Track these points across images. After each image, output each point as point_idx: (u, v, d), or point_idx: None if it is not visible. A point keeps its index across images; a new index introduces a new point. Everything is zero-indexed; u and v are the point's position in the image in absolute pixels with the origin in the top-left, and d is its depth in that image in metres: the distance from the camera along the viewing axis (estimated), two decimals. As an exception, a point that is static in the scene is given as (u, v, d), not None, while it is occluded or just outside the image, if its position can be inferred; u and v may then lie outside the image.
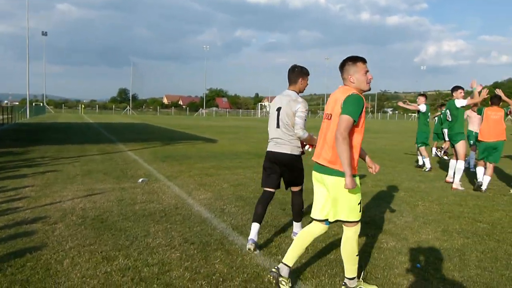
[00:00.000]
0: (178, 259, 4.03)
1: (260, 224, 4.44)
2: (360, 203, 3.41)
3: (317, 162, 3.53)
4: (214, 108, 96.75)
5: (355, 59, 3.44)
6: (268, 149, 4.64)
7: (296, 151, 4.49)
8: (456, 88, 8.39)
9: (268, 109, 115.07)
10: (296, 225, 4.78)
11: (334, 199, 3.36)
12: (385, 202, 6.71)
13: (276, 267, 3.51)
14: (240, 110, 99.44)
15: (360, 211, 3.42)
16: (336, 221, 3.42)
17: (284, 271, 3.49)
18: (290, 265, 3.53)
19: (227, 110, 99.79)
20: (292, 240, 4.27)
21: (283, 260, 3.53)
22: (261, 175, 4.72)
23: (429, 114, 10.96)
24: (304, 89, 4.63)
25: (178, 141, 17.06)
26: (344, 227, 3.47)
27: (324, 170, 3.42)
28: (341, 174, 3.24)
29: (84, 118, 45.45)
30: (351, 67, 3.41)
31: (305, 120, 4.44)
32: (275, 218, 5.55)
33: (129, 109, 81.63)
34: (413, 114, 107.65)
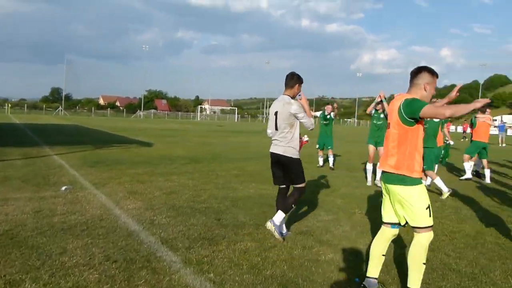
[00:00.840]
0: (96, 281, 3.57)
1: (284, 211, 4.95)
2: (428, 207, 3.42)
3: (383, 171, 3.59)
4: (153, 110, 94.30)
5: (434, 72, 3.46)
6: (270, 150, 5.12)
7: (292, 153, 4.95)
8: None
9: (208, 112, 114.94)
10: (278, 214, 4.91)
11: (402, 205, 3.43)
12: (322, 210, 6.58)
13: (362, 285, 3.59)
14: (180, 112, 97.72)
15: (430, 216, 3.43)
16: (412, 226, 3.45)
17: (372, 285, 3.58)
18: (376, 277, 3.62)
19: (166, 112, 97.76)
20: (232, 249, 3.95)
21: (368, 275, 3.63)
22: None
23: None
24: (296, 95, 5.08)
25: (111, 145, 16.19)
26: (416, 234, 3.46)
27: (388, 178, 3.49)
28: (406, 181, 3.37)
29: (11, 118, 42.42)
30: (429, 77, 3.43)
31: (304, 115, 4.92)
32: (209, 230, 5.21)
33: (61, 110, 77.51)
34: (349, 120, 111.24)
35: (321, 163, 12.39)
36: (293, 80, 5.04)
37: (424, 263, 3.43)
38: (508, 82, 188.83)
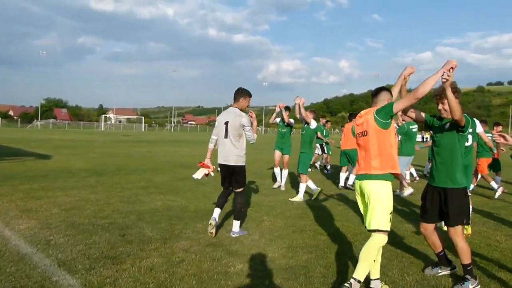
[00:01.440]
0: (-21, 316, 3.16)
1: (221, 209, 5.81)
2: (391, 213, 3.76)
3: (360, 174, 3.91)
4: (52, 120, 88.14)
5: (390, 90, 4.06)
6: (218, 161, 5.83)
7: (242, 162, 5.74)
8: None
9: (113, 122, 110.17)
10: (235, 223, 5.71)
11: (372, 204, 3.74)
12: (232, 219, 6.54)
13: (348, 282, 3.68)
14: (82, 122, 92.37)
15: (390, 221, 3.75)
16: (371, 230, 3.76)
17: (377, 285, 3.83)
18: (378, 277, 3.88)
19: (67, 122, 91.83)
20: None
21: (371, 277, 3.84)
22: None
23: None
24: (246, 108, 5.82)
25: (2, 158, 14.75)
26: (373, 233, 3.76)
27: (371, 177, 3.79)
28: (383, 177, 3.75)
29: None
30: (389, 94, 4.01)
31: (251, 129, 5.71)
32: (112, 248, 4.89)
33: None
34: (258, 128, 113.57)
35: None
36: (239, 94, 5.75)
37: (374, 261, 3.77)
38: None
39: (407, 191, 9.09)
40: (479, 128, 7.36)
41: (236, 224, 5.68)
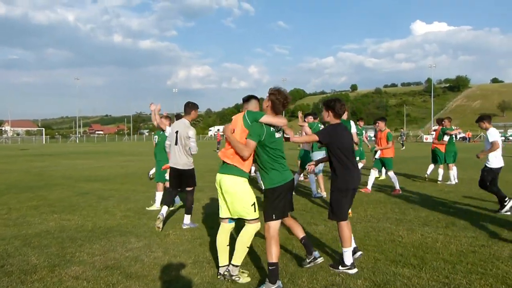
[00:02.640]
0: None
1: (168, 207, 6.63)
2: (254, 204, 4.15)
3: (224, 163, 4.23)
4: None
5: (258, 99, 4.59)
6: (169, 164, 6.65)
7: (190, 165, 6.63)
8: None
9: (9, 135, 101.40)
10: (186, 217, 6.63)
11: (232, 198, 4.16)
12: (133, 236, 6.03)
13: (222, 273, 4.26)
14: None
15: (255, 211, 4.17)
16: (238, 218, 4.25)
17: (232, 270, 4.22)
18: (227, 263, 4.30)
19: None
20: None
21: (220, 264, 4.33)
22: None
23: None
24: (195, 118, 6.73)
25: None
26: (246, 223, 4.20)
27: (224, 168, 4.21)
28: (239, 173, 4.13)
29: None
30: (257, 103, 4.49)
31: (195, 141, 6.54)
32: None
33: None
34: None
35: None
36: (189, 108, 6.51)
37: (248, 247, 4.23)
38: (305, 95, 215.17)
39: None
40: (353, 129, 8.48)
41: (187, 217, 6.62)
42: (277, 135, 4.19)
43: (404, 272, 4.41)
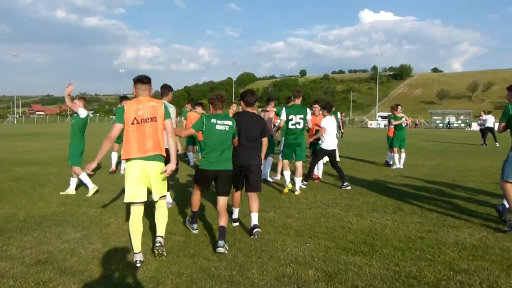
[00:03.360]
0: None
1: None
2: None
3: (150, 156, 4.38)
4: None
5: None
6: None
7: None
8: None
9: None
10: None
11: (159, 180, 4.48)
12: (70, 226, 5.59)
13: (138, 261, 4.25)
14: None
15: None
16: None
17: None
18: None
19: None
20: None
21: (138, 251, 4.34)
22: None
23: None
24: (170, 100, 6.70)
25: None
26: (161, 200, 4.67)
27: (155, 158, 4.43)
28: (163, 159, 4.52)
29: None
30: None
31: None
32: None
33: None
34: (114, 116, 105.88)
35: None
36: (167, 89, 6.70)
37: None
38: (255, 79, 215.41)
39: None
40: (309, 116, 8.22)
41: (168, 196, 6.50)
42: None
43: (355, 261, 4.33)
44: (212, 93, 5.48)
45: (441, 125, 65.76)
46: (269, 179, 9.51)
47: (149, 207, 5.31)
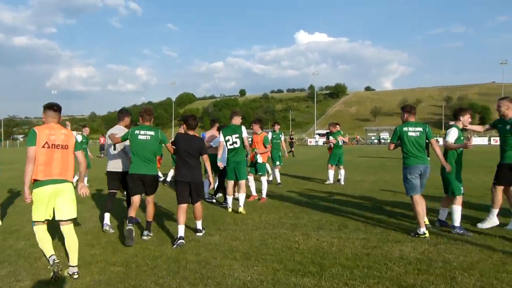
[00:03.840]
0: None
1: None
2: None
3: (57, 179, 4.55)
4: None
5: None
6: (111, 169, 6.79)
7: (126, 168, 6.50)
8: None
9: None
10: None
11: (67, 201, 4.62)
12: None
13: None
14: None
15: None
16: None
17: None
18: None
19: None
20: None
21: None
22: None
23: None
24: (128, 125, 7.09)
25: None
26: (68, 224, 4.67)
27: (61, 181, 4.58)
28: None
29: None
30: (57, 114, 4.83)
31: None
32: None
33: None
34: None
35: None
36: (123, 114, 7.03)
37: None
38: (195, 99, 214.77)
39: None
40: (244, 134, 8.21)
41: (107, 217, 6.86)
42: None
43: (304, 282, 4.23)
44: (143, 106, 6.03)
45: (376, 141, 68.72)
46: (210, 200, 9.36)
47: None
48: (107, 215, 6.72)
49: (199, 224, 6.36)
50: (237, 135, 8.19)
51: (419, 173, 6.11)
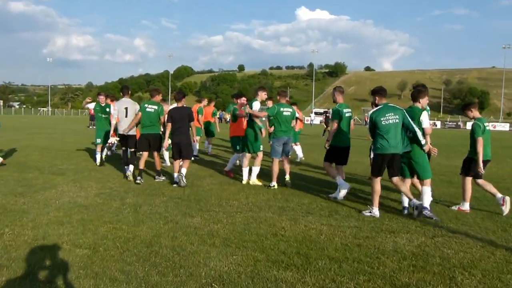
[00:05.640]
0: None
1: (131, 164, 8.85)
2: None
3: None
4: None
5: None
6: (119, 131, 9.14)
7: (130, 131, 8.92)
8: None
9: None
10: (131, 167, 8.75)
11: None
12: None
13: None
14: None
15: None
16: None
17: None
18: None
19: None
20: None
21: None
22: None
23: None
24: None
25: None
26: None
27: None
28: None
29: None
30: None
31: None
32: None
33: None
34: (43, 109, 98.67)
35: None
36: (128, 89, 9.45)
37: None
38: (193, 72, 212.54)
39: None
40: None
41: (131, 168, 8.74)
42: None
43: (287, 277, 3.80)
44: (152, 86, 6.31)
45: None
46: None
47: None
48: (131, 167, 8.69)
49: (183, 171, 8.08)
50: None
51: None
